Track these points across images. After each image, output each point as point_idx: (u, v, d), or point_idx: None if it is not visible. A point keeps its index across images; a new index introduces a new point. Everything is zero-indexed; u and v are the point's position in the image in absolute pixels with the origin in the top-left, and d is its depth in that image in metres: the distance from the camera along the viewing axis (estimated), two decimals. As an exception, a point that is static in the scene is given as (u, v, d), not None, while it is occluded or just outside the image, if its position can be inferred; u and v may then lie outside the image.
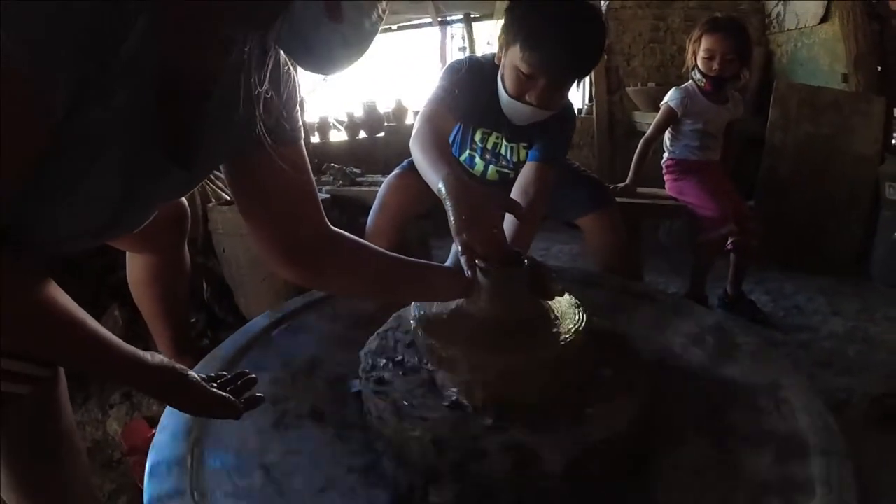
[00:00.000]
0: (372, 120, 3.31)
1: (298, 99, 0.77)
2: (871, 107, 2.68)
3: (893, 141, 3.66)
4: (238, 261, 2.02)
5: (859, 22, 2.82)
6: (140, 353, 0.63)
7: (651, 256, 2.56)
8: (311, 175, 0.80)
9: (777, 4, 3.37)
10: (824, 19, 2.99)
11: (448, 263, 0.96)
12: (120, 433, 1.43)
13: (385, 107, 3.51)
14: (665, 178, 2.09)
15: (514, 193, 1.24)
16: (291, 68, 0.73)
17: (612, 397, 0.77)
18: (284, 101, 0.72)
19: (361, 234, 1.53)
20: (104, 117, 0.55)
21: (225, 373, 0.76)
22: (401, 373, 0.83)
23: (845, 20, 2.85)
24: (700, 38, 1.89)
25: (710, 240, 1.92)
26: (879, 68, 2.92)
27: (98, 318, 1.78)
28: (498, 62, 1.20)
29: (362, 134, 3.33)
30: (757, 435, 0.78)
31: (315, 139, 3.33)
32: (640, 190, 2.10)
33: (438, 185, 0.93)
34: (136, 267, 1.31)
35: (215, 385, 0.70)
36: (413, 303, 0.89)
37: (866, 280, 2.49)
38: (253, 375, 0.76)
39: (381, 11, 0.62)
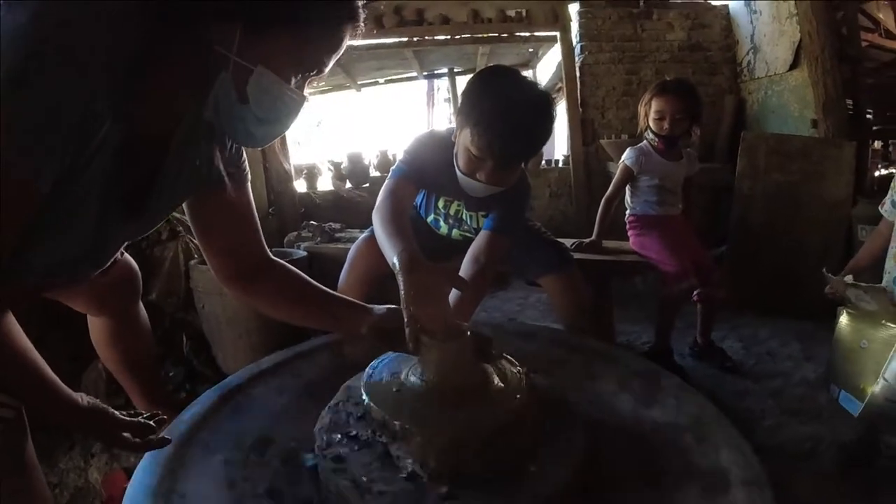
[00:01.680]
0: (357, 170, 3.41)
1: (244, 152, 0.97)
2: (841, 151, 2.70)
3: (877, 173, 3.67)
4: (217, 318, 2.10)
5: (828, 67, 2.86)
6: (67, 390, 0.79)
7: (626, 305, 2.59)
8: (255, 210, 1.00)
9: (748, 53, 3.47)
10: (794, 66, 3.06)
11: None
12: (100, 482, 1.47)
13: (371, 157, 3.60)
14: (629, 233, 2.14)
15: (467, 259, 1.34)
16: None
17: (552, 456, 0.82)
18: (236, 151, 0.94)
19: (335, 289, 1.59)
20: (81, 184, 0.71)
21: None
22: (356, 447, 0.85)
23: (814, 66, 2.89)
24: (650, 100, 1.97)
25: (671, 294, 1.96)
26: (851, 108, 2.91)
27: (81, 371, 1.86)
28: (454, 140, 1.28)
29: (348, 184, 3.42)
30: (686, 474, 0.83)
31: (302, 188, 3.42)
32: (607, 244, 2.14)
33: (393, 260, 1.02)
34: (95, 329, 1.39)
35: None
36: (363, 374, 0.95)
37: (843, 323, 2.49)
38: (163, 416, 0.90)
39: (294, 94, 0.76)
